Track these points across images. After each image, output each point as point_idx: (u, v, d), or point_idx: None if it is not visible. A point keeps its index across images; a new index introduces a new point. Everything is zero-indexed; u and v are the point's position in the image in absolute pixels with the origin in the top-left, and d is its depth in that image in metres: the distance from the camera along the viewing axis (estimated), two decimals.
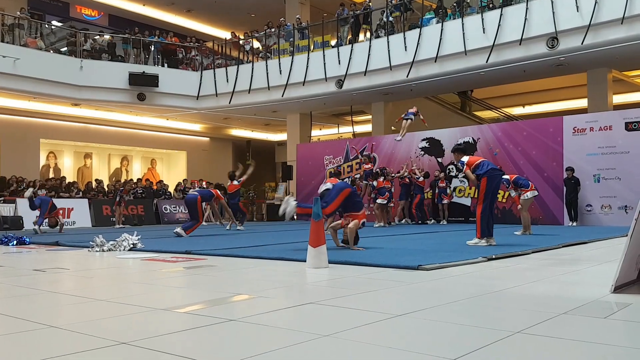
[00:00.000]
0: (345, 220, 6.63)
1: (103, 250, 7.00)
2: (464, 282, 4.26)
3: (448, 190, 14.31)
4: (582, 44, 12.17)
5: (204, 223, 13.77)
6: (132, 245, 7.15)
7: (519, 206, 9.64)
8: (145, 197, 17.61)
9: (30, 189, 12.22)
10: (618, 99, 15.83)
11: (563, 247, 7.10)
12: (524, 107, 20.14)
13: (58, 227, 11.71)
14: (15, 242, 8.43)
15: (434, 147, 15.03)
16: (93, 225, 15.11)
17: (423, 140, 15.34)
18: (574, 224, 12.45)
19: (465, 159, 8.31)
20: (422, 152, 15.25)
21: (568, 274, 4.83)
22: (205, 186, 19.86)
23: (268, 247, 7.29)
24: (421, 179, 14.00)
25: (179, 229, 10.01)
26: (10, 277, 4.92)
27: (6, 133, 17.59)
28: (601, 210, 12.44)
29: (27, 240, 8.61)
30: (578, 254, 6.43)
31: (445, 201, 14.14)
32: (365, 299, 3.56)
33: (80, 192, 16.71)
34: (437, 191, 14.30)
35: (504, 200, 13.71)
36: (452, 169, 14.56)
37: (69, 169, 20.21)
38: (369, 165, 14.10)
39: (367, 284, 4.19)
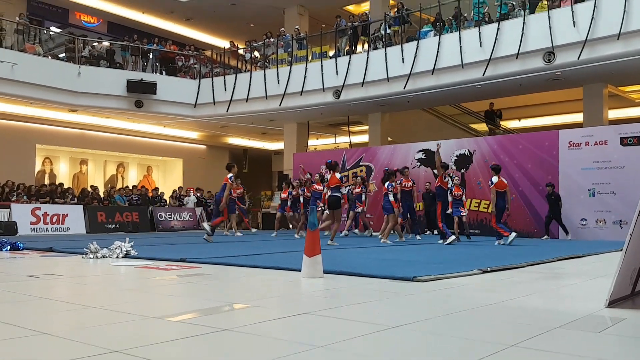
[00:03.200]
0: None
1: (97, 257, 6.96)
2: (458, 295, 4.26)
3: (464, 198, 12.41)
4: (578, 59, 12.26)
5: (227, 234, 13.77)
6: (125, 253, 7.11)
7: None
8: (141, 204, 17.56)
9: None
10: (613, 114, 15.94)
11: (558, 260, 7.11)
12: (519, 120, 20.23)
13: None
14: (8, 247, 8.36)
15: (430, 159, 15.06)
16: (87, 231, 15.04)
17: (419, 151, 15.38)
18: (568, 237, 12.52)
19: (495, 179, 10.07)
20: (419, 163, 15.28)
21: (562, 287, 4.84)
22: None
23: (263, 255, 7.27)
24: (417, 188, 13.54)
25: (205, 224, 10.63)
26: (3, 282, 4.88)
27: (2, 138, 17.53)
28: (596, 225, 12.47)
29: (21, 245, 8.55)
30: (572, 268, 6.44)
31: (463, 213, 12.03)
32: (360, 309, 3.55)
33: (75, 198, 16.65)
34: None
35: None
36: (447, 180, 14.56)
37: (64, 175, 20.15)
38: (320, 187, 12.48)
39: (362, 294, 4.18)
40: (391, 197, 10.35)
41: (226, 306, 3.72)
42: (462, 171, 14.38)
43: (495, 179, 10.20)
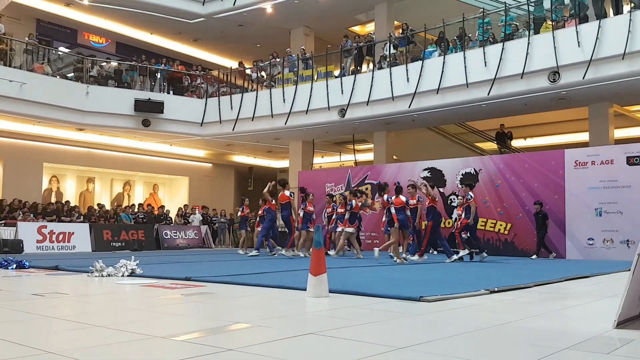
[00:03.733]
0: None
1: (102, 276, 6.96)
2: (465, 315, 4.22)
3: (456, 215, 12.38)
4: (583, 78, 12.28)
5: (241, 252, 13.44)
6: (130, 271, 7.11)
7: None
8: (147, 222, 17.58)
9: None
10: (619, 133, 15.90)
11: (565, 280, 7.04)
12: (525, 139, 20.21)
13: None
14: (14, 265, 8.38)
15: (435, 177, 15.05)
16: (93, 249, 15.05)
17: (425, 169, 15.37)
18: (552, 256, 12.57)
19: (472, 194, 10.86)
20: (424, 182, 15.25)
21: (570, 308, 4.79)
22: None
23: (268, 274, 7.24)
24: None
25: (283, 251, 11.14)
26: (9, 301, 4.88)
27: (10, 156, 17.67)
28: (603, 244, 12.38)
29: (27, 264, 8.57)
30: (580, 288, 6.38)
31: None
32: (366, 330, 3.52)
33: (82, 217, 16.70)
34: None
35: (506, 232, 13.67)
36: (453, 199, 14.55)
37: (71, 193, 20.23)
38: (312, 208, 12.53)
39: (368, 314, 4.15)
40: (393, 210, 10.31)
41: (231, 325, 3.70)
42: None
43: (471, 194, 11.15)
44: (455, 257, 10.63)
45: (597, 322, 3.81)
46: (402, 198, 10.21)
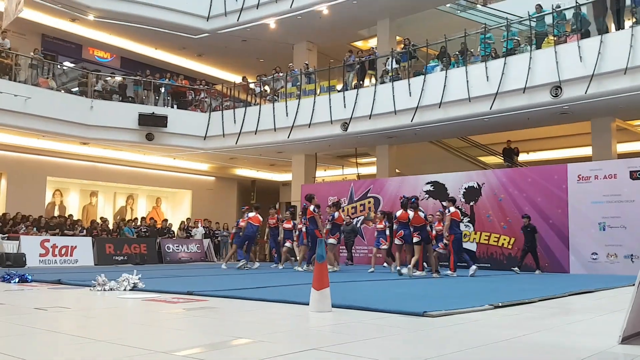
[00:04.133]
0: None
1: (104, 290, 6.94)
2: (470, 330, 4.20)
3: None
4: (585, 93, 12.30)
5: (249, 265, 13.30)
6: (133, 285, 7.09)
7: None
8: (149, 235, 17.57)
9: None
10: (622, 147, 15.89)
11: (569, 295, 7.00)
12: (528, 153, 20.21)
13: None
14: (17, 279, 8.37)
15: (438, 191, 15.03)
16: (95, 263, 15.03)
17: (427, 183, 15.36)
18: (536, 272, 12.17)
19: (452, 209, 10.70)
20: (427, 196, 15.25)
21: (575, 323, 4.76)
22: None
23: (271, 288, 7.22)
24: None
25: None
26: (11, 315, 4.87)
27: (13, 170, 17.73)
28: (607, 259, 12.31)
29: (29, 277, 8.56)
30: (584, 303, 6.34)
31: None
32: (369, 345, 3.50)
33: (85, 230, 16.71)
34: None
35: (510, 247, 13.62)
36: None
37: (74, 207, 20.26)
38: (290, 225, 13.34)
39: (371, 329, 4.13)
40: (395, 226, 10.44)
41: (233, 341, 3.68)
42: (471, 204, 14.33)
43: (452, 209, 10.78)
44: (471, 270, 10.54)
45: (602, 337, 3.78)
46: (410, 213, 10.45)
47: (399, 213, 11.12)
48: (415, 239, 10.60)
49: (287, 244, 13.43)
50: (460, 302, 5.65)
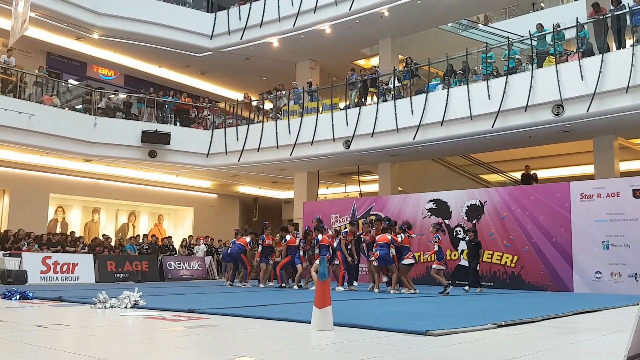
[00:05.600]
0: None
1: (105, 307, 6.91)
2: (473, 349, 4.16)
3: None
4: (587, 111, 12.34)
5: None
6: (134, 303, 7.06)
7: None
8: (151, 252, 17.54)
9: None
10: (625, 166, 15.88)
11: (573, 314, 6.94)
12: (530, 172, 20.21)
13: None
14: (18, 296, 8.35)
15: (440, 209, 15.01)
16: (97, 280, 14.98)
17: (430, 201, 15.34)
18: (479, 290, 11.71)
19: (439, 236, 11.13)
20: (429, 213, 15.22)
21: (579, 342, 4.71)
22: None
23: (272, 306, 7.18)
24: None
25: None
26: (11, 332, 4.85)
27: (16, 187, 17.78)
28: (611, 278, 12.22)
29: (30, 294, 8.53)
30: (588, 322, 6.28)
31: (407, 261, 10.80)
32: None
33: (86, 247, 16.68)
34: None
35: (513, 265, 13.54)
36: (459, 231, 14.48)
37: (76, 224, 20.26)
38: (270, 241, 13.23)
39: (373, 349, 4.10)
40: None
41: (234, 359, 3.66)
42: (474, 222, 14.29)
43: (439, 236, 11.16)
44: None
45: (606, 356, 3.75)
46: (388, 236, 10.65)
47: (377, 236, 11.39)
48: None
49: (318, 260, 13.05)
50: (463, 320, 5.61)
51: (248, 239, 13.55)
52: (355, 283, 12.36)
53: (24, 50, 18.22)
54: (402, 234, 10.93)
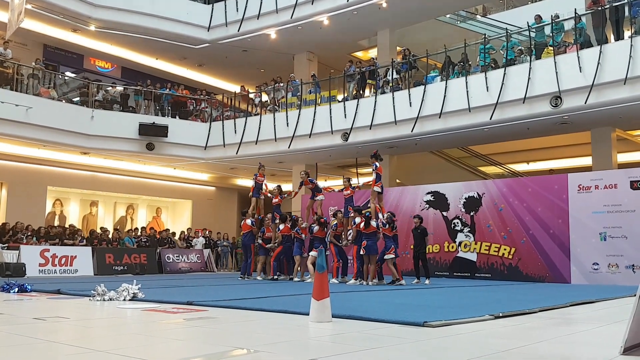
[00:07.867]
0: None
1: (104, 300, 6.92)
2: (470, 341, 4.18)
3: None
4: (585, 103, 12.34)
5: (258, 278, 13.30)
6: (132, 295, 7.07)
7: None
8: (149, 245, 17.54)
9: None
10: (622, 157, 15.90)
11: (570, 305, 6.97)
12: (528, 163, 20.23)
13: None
14: (16, 289, 8.35)
15: (438, 201, 15.03)
16: (95, 273, 14.99)
17: (428, 193, 15.35)
18: (427, 281, 11.53)
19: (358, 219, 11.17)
20: (427, 206, 15.24)
21: (576, 333, 4.74)
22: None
23: (270, 298, 7.20)
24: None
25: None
26: (10, 325, 4.85)
27: (13, 180, 17.73)
28: (608, 269, 12.27)
29: (29, 287, 8.53)
30: (586, 314, 6.31)
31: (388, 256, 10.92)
32: (369, 356, 3.48)
33: (85, 240, 16.67)
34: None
35: (511, 257, 13.58)
36: (457, 223, 14.51)
37: (74, 217, 20.23)
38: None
39: (371, 340, 4.11)
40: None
41: (233, 351, 3.67)
42: (471, 214, 14.31)
43: (358, 219, 11.24)
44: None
45: (604, 348, 3.77)
46: (373, 223, 10.97)
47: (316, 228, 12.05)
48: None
49: (313, 252, 12.78)
50: (461, 312, 5.63)
51: (249, 221, 13.53)
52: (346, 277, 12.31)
53: (20, 43, 18.11)
54: (388, 224, 11.10)
